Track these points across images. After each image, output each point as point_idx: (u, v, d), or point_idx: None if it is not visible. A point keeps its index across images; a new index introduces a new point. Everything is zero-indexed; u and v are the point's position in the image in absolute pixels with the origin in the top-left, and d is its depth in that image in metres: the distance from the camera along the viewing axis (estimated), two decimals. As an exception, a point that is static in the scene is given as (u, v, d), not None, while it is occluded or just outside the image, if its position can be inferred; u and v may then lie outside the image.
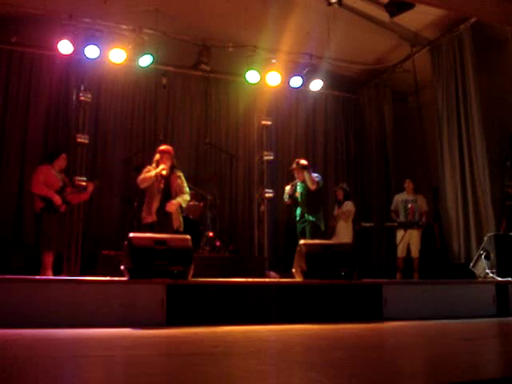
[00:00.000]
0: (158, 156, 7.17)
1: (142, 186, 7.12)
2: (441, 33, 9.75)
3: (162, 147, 7.30)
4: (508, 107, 9.00)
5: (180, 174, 7.30)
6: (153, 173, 7.00)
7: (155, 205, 6.98)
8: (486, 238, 8.13)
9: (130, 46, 9.09)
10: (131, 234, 5.55)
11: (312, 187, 8.17)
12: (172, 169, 7.17)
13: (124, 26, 9.23)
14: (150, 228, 6.79)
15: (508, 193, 8.29)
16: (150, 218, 6.94)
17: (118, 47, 9.06)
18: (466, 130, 9.16)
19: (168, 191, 7.07)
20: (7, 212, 9.19)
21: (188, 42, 9.65)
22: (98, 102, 10.00)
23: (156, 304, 5.15)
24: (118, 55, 9.10)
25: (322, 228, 8.21)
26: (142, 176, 7.10)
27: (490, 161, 8.76)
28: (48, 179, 7.23)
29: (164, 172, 6.98)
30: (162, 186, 7.04)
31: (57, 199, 7.13)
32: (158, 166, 7.06)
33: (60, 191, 7.31)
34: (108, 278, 5.54)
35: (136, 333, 4.65)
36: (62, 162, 7.56)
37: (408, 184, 9.54)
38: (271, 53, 9.93)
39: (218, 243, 8.97)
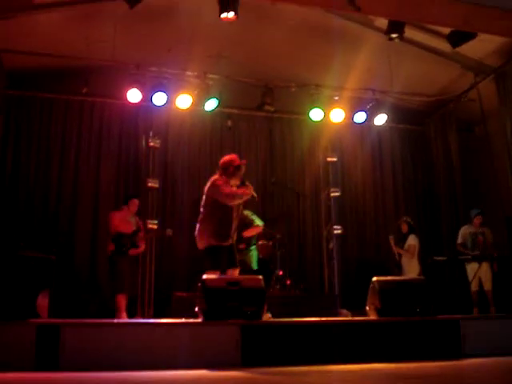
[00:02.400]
0: (234, 170, 6.47)
1: (233, 202, 6.33)
2: (505, 60, 9.59)
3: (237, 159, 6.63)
4: None
5: None
6: (251, 191, 6.41)
7: (234, 227, 6.44)
8: None
9: (195, 92, 9.37)
10: (204, 276, 5.63)
11: None
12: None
13: (189, 73, 9.52)
14: (221, 251, 6.28)
15: None
16: (223, 240, 6.30)
17: (184, 93, 9.35)
18: (537, 157, 8.93)
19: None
20: (83, 257, 9.48)
21: (251, 84, 9.85)
22: (166, 147, 10.30)
23: (231, 345, 5.17)
24: (184, 101, 9.39)
25: None
26: (230, 190, 6.32)
27: None
28: (121, 223, 7.48)
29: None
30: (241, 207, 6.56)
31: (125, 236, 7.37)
32: (234, 180, 6.46)
33: (132, 235, 7.53)
34: (183, 320, 5.62)
35: (213, 374, 4.67)
36: (132, 207, 7.80)
37: (477, 219, 9.31)
38: (334, 90, 10.02)
39: (288, 282, 8.97)
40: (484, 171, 10.87)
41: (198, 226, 6.47)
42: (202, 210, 6.47)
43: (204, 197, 6.48)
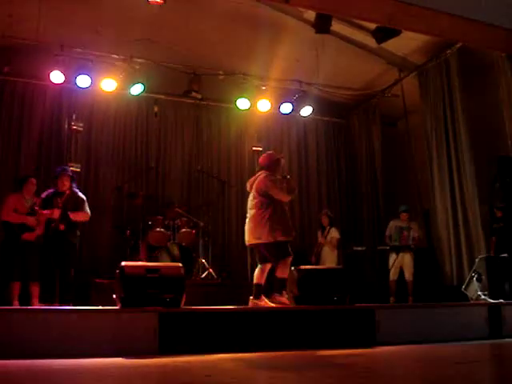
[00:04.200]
0: (276, 165, 6.64)
1: (291, 197, 6.65)
2: (428, 58, 9.89)
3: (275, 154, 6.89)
4: (495, 130, 9.10)
5: None
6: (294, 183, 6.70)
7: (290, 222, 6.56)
8: (477, 260, 8.17)
9: (121, 75, 9.20)
10: (123, 263, 5.56)
11: None
12: None
13: (115, 56, 9.33)
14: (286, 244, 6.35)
15: (496, 215, 8.36)
16: (290, 235, 6.37)
17: (110, 76, 9.16)
18: (455, 152, 9.26)
19: None
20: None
21: (179, 70, 9.75)
22: (89, 131, 10.08)
23: (148, 332, 5.13)
24: (109, 84, 9.20)
25: None
26: (290, 186, 6.52)
27: (478, 183, 8.86)
28: (17, 207, 7.21)
29: None
30: None
31: (30, 220, 7.12)
32: (277, 174, 6.57)
33: (29, 214, 7.27)
34: (100, 308, 5.54)
35: (128, 362, 4.63)
36: (30, 186, 7.50)
37: (403, 215, 9.60)
38: (261, 80, 10.05)
39: (210, 270, 8.98)
40: (405, 165, 11.19)
41: (256, 221, 6.39)
42: (256, 207, 6.43)
43: (256, 194, 6.45)
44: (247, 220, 6.58)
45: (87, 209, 7.58)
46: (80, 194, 7.62)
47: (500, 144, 8.90)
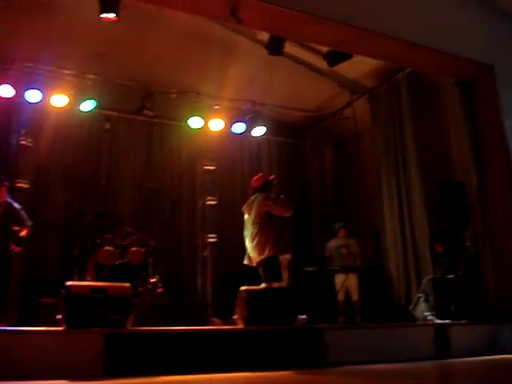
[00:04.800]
0: (271, 185, 7.22)
1: (290, 213, 7.05)
2: (379, 81, 10.11)
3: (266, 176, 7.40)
4: (442, 154, 9.33)
5: None
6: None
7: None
8: (424, 281, 8.30)
9: (72, 91, 9.07)
10: (68, 282, 5.44)
11: None
12: None
13: (66, 71, 9.21)
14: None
15: (436, 250, 8.58)
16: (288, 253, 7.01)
17: (61, 92, 9.03)
18: (404, 175, 9.45)
19: None
20: None
21: (132, 87, 9.68)
22: (38, 147, 9.84)
23: (93, 354, 5.01)
24: (59, 100, 9.09)
25: None
26: (287, 202, 7.04)
27: (427, 205, 9.04)
28: None
29: None
30: None
31: None
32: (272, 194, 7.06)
33: None
34: (44, 328, 5.39)
35: (72, 385, 4.51)
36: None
37: (341, 232, 9.67)
38: (214, 99, 10.09)
39: (160, 289, 8.86)
40: (355, 187, 11.35)
41: (257, 239, 6.82)
42: (257, 226, 6.85)
43: (257, 217, 6.87)
44: (249, 239, 6.98)
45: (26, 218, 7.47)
46: (16, 205, 7.48)
47: (447, 167, 9.12)
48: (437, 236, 8.72)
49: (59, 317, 5.43)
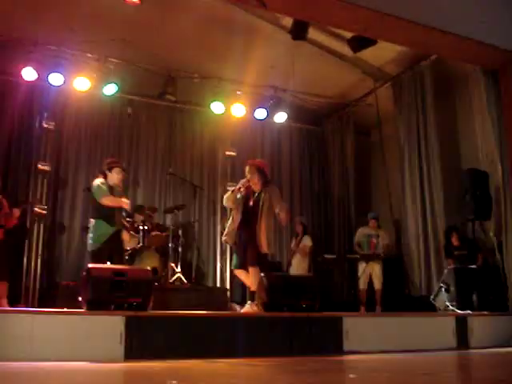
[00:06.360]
0: None
1: None
2: (403, 68, 9.98)
3: None
4: (466, 142, 9.23)
5: None
6: None
7: None
8: (445, 271, 8.25)
9: (94, 75, 9.08)
10: (90, 265, 5.47)
11: None
12: None
13: (89, 55, 9.21)
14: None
15: (452, 243, 8.51)
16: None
17: (83, 75, 9.03)
18: (427, 163, 9.34)
19: None
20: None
21: (154, 71, 9.67)
22: (61, 130, 9.91)
23: (114, 337, 5.04)
24: (82, 83, 9.07)
25: None
26: None
27: (448, 195, 8.95)
28: None
29: None
30: None
31: None
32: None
33: None
34: (65, 310, 5.43)
35: (92, 367, 4.54)
36: None
37: (372, 222, 9.66)
38: (236, 84, 10.03)
39: (180, 274, 8.89)
40: (376, 175, 11.27)
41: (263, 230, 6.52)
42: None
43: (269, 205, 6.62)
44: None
45: None
46: None
47: (471, 157, 9.02)
48: (453, 228, 8.66)
49: (80, 298, 5.47)
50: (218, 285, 10.40)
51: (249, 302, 6.44)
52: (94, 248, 6.54)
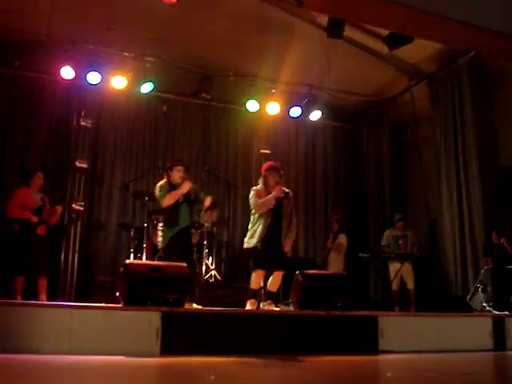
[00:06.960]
0: None
1: None
2: (439, 66, 9.85)
3: None
4: (504, 141, 9.08)
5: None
6: None
7: None
8: (482, 271, 8.13)
9: (131, 73, 9.17)
10: (127, 261, 5.54)
11: None
12: None
13: (126, 54, 9.32)
14: None
15: (493, 240, 8.32)
16: None
17: (120, 74, 9.14)
18: (464, 162, 9.20)
19: None
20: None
21: (189, 70, 9.74)
22: (98, 128, 10.06)
23: (150, 332, 5.09)
24: (119, 82, 9.18)
25: None
26: None
27: (485, 194, 8.81)
28: (25, 201, 7.21)
29: None
30: None
31: (33, 218, 7.12)
32: None
33: (38, 211, 7.27)
34: (101, 305, 5.51)
35: (129, 362, 4.60)
36: (37, 181, 7.52)
37: (399, 224, 9.59)
38: (271, 82, 10.03)
39: (215, 272, 8.93)
40: (412, 174, 11.15)
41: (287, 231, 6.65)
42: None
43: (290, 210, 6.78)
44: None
45: None
46: None
47: (509, 155, 8.88)
48: (493, 226, 8.50)
49: (117, 294, 5.54)
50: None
51: (268, 301, 6.46)
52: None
